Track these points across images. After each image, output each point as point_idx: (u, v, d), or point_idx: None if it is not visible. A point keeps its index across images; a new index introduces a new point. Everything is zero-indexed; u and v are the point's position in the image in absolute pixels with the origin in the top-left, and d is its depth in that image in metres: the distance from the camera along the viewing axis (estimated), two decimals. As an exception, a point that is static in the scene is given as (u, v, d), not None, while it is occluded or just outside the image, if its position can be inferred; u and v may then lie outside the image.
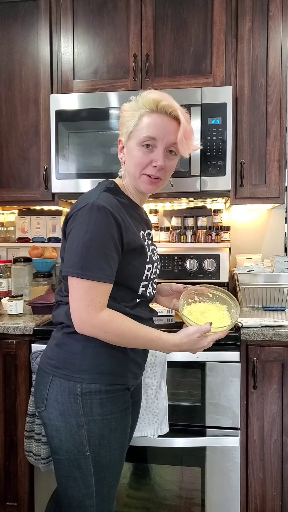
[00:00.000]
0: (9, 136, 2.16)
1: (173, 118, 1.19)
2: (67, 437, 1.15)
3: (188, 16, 1.97)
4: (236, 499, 1.64)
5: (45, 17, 2.08)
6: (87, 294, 1.09)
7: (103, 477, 1.19)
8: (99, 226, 1.09)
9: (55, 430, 1.17)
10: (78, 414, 1.14)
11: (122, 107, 1.24)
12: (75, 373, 1.15)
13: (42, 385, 1.20)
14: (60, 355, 1.18)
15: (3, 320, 1.83)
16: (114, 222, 1.11)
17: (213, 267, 2.19)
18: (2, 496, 1.82)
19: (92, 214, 1.09)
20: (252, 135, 1.98)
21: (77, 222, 1.11)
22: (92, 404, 1.15)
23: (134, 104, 1.20)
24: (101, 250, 1.09)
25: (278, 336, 1.63)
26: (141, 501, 1.71)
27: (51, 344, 1.22)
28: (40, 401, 1.20)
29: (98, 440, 1.16)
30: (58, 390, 1.16)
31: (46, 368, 1.20)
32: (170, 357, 1.61)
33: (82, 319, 1.10)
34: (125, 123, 1.21)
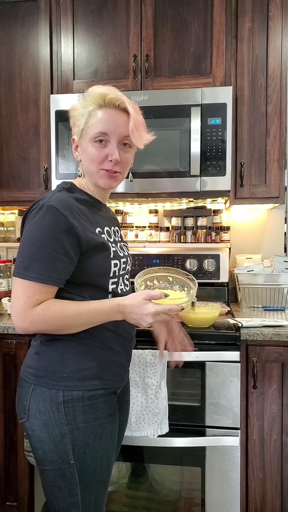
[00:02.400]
0: (9, 136, 2.16)
1: (122, 111, 1.19)
2: (51, 447, 1.12)
3: (188, 16, 1.98)
4: (236, 499, 1.64)
5: (45, 17, 2.08)
6: (25, 292, 1.06)
7: (89, 485, 1.15)
8: (45, 227, 1.07)
9: (38, 441, 1.13)
10: (61, 423, 1.11)
11: (71, 107, 1.23)
12: (56, 381, 1.12)
13: (24, 395, 1.16)
14: (40, 363, 1.15)
15: (3, 320, 1.83)
16: (65, 222, 1.08)
17: (213, 267, 2.19)
18: (2, 496, 1.82)
19: (40, 215, 1.08)
20: (252, 135, 1.99)
21: (27, 223, 1.11)
22: (75, 411, 1.12)
23: (82, 102, 1.20)
24: (46, 250, 1.06)
25: (278, 336, 1.63)
26: (141, 501, 1.71)
27: (31, 353, 1.19)
28: (22, 412, 1.16)
29: (82, 448, 1.13)
30: (40, 400, 1.12)
31: (26, 378, 1.16)
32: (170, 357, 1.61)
33: (20, 318, 1.07)
34: (75, 122, 1.21)
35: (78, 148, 1.23)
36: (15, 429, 1.79)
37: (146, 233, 2.32)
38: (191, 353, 1.62)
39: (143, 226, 2.33)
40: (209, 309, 1.75)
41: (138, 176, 1.93)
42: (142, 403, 1.59)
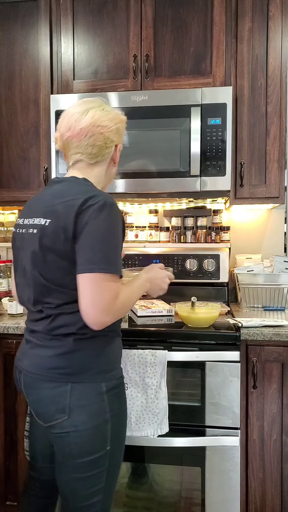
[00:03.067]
0: (9, 136, 2.16)
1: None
2: (93, 438, 1.19)
3: (188, 16, 1.98)
4: (236, 499, 1.64)
5: (45, 17, 2.08)
6: (109, 286, 1.13)
7: (113, 471, 1.25)
8: (116, 223, 1.16)
9: (79, 436, 1.17)
10: (105, 411, 1.20)
11: (120, 116, 1.35)
12: (96, 375, 1.20)
13: (61, 396, 1.17)
14: (74, 361, 1.18)
15: (3, 320, 1.83)
16: (122, 219, 1.21)
17: (213, 267, 2.20)
18: (2, 495, 1.82)
19: (107, 212, 1.14)
20: (252, 135, 1.99)
21: (95, 219, 1.12)
22: (113, 399, 1.23)
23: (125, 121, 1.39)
24: (119, 245, 1.18)
25: (278, 336, 1.63)
26: (141, 501, 1.71)
27: (58, 353, 1.19)
28: (60, 412, 1.17)
29: (116, 433, 1.24)
30: (82, 395, 1.17)
31: (60, 378, 1.18)
32: (170, 357, 1.61)
33: (105, 312, 1.13)
34: (123, 134, 1.38)
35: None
36: (15, 428, 1.80)
37: (146, 233, 2.32)
38: (191, 353, 1.63)
39: (143, 226, 2.33)
40: (209, 309, 1.76)
41: (138, 176, 1.93)
42: (142, 403, 1.59)
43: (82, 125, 1.25)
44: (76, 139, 1.26)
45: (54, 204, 1.19)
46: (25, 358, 1.27)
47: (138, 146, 1.92)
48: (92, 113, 1.27)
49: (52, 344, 1.21)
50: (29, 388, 1.25)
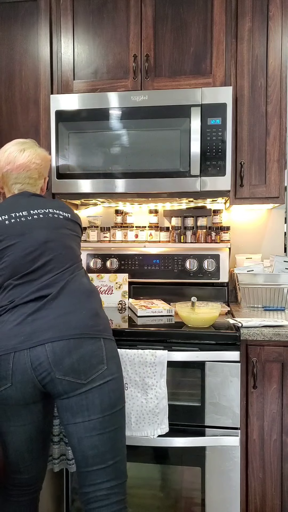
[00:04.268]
0: (9, 136, 2.16)
1: None
2: (122, 384, 1.41)
3: (188, 16, 1.98)
4: (236, 499, 1.64)
5: (45, 17, 2.08)
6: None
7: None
8: None
9: (117, 382, 1.38)
10: (119, 361, 1.44)
11: (48, 155, 1.66)
12: (111, 333, 1.44)
13: (97, 349, 1.35)
14: (102, 321, 1.41)
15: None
16: None
17: (213, 267, 2.20)
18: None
19: None
20: (252, 135, 1.99)
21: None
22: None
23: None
24: None
25: (278, 336, 1.63)
26: (141, 501, 1.71)
27: (89, 315, 1.38)
28: (99, 363, 1.34)
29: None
30: (111, 348, 1.40)
31: (94, 334, 1.36)
32: (170, 357, 1.61)
33: None
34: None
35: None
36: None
37: (146, 233, 2.32)
38: (191, 353, 1.63)
39: (143, 226, 2.33)
40: (209, 309, 1.76)
41: (138, 176, 1.93)
42: (142, 403, 1.59)
43: (20, 161, 1.55)
44: (15, 172, 1.56)
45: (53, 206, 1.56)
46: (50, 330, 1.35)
47: (138, 146, 1.92)
48: (28, 153, 1.56)
49: (83, 305, 1.41)
50: (64, 354, 1.32)
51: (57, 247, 1.46)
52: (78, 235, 1.60)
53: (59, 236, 1.49)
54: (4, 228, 1.44)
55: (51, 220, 1.50)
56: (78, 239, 1.59)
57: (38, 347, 1.30)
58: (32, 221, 1.47)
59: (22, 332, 1.32)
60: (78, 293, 1.42)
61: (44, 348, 1.30)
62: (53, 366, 1.30)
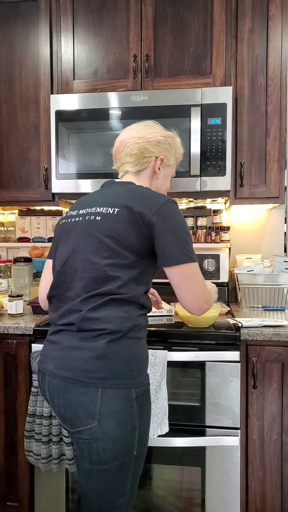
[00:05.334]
0: (9, 136, 2.16)
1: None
2: (123, 444, 1.16)
3: (188, 16, 1.98)
4: (236, 499, 1.64)
5: (45, 17, 2.08)
6: (199, 274, 1.25)
7: (137, 471, 1.24)
8: (183, 217, 1.27)
9: (112, 441, 1.15)
10: (134, 417, 1.17)
11: (169, 134, 1.42)
12: (128, 380, 1.17)
13: (90, 401, 1.14)
14: (107, 365, 1.15)
15: (3, 320, 1.83)
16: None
17: (213, 267, 2.20)
18: (2, 496, 1.82)
19: (177, 208, 1.25)
20: (252, 135, 1.99)
21: (169, 216, 1.21)
22: (142, 404, 1.20)
23: (173, 139, 1.44)
24: (190, 236, 1.27)
25: (278, 336, 1.63)
26: (141, 501, 1.72)
27: (89, 356, 1.16)
28: (90, 418, 1.14)
29: (143, 438, 1.22)
30: (113, 401, 1.14)
31: (91, 383, 1.14)
32: (170, 357, 1.61)
33: (207, 300, 1.27)
34: (169, 151, 1.41)
35: (161, 168, 1.41)
36: (15, 429, 1.79)
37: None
38: (191, 353, 1.63)
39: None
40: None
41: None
42: (142, 403, 1.59)
43: (120, 138, 1.41)
44: (117, 152, 1.41)
45: (123, 198, 1.25)
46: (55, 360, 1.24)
47: (138, 146, 1.92)
48: (130, 128, 1.42)
49: (84, 345, 1.18)
50: (58, 392, 1.20)
51: (89, 266, 1.20)
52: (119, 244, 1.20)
53: (92, 250, 1.21)
54: (56, 229, 1.35)
55: (88, 224, 1.24)
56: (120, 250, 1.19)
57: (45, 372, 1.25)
58: (71, 224, 1.28)
59: (43, 351, 1.29)
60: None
61: (45, 377, 1.24)
62: (49, 399, 1.25)
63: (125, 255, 1.19)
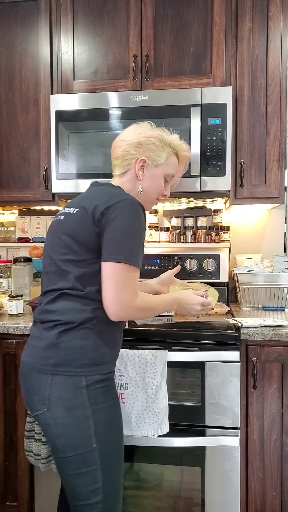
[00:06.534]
0: (9, 136, 2.16)
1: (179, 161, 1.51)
2: (75, 431, 1.19)
3: (188, 16, 1.98)
4: (236, 499, 1.64)
5: (45, 17, 2.08)
6: (133, 281, 1.22)
7: (110, 468, 1.23)
8: (140, 219, 1.24)
9: (61, 427, 1.19)
10: (85, 405, 1.20)
11: (151, 133, 1.40)
12: (78, 368, 1.20)
13: (41, 387, 1.21)
14: (58, 353, 1.21)
15: (3, 320, 1.83)
16: (145, 219, 1.28)
17: (213, 267, 2.20)
18: (2, 496, 1.82)
19: (134, 209, 1.23)
20: (252, 135, 1.99)
21: (119, 213, 1.21)
22: (96, 394, 1.22)
23: (161, 137, 1.41)
24: (141, 241, 1.25)
25: (278, 336, 1.63)
26: (141, 501, 1.71)
27: (44, 344, 1.23)
28: (41, 403, 1.21)
29: (103, 429, 1.22)
30: (61, 387, 1.19)
31: (44, 370, 1.21)
32: (170, 357, 1.61)
33: (126, 305, 1.21)
34: (154, 150, 1.39)
35: (144, 170, 1.40)
36: (15, 429, 1.79)
37: (146, 233, 2.32)
38: (191, 353, 1.63)
39: (143, 226, 2.33)
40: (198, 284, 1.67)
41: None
42: (143, 403, 1.59)
43: (114, 141, 1.45)
44: (112, 155, 1.46)
45: (88, 198, 1.30)
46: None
47: (138, 146, 1.92)
48: (124, 131, 1.46)
49: (39, 334, 1.27)
50: (23, 378, 1.29)
51: (50, 262, 1.30)
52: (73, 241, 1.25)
53: (53, 247, 1.30)
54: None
55: (56, 223, 1.34)
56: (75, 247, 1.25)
57: None
58: (52, 224, 1.36)
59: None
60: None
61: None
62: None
63: (79, 252, 1.24)
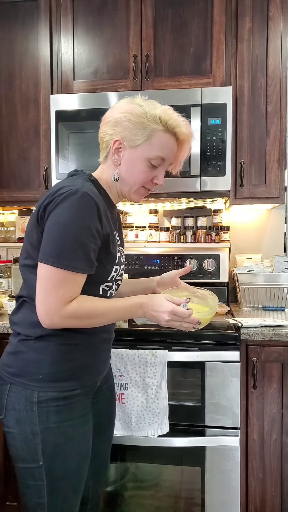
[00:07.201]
0: (9, 136, 2.16)
1: (176, 139, 1.20)
2: (22, 445, 1.12)
3: (188, 16, 1.98)
4: (236, 499, 1.64)
5: (45, 18, 2.08)
6: (59, 287, 1.04)
7: (57, 488, 1.14)
8: (79, 213, 1.04)
9: (12, 438, 1.14)
10: (34, 422, 1.11)
11: (126, 105, 1.17)
12: (31, 381, 1.12)
13: (1, 393, 1.16)
14: (16, 362, 1.15)
15: (3, 320, 1.83)
16: (96, 212, 1.06)
17: (213, 267, 2.20)
18: (2, 496, 1.82)
19: (74, 201, 1.03)
20: (252, 135, 1.99)
21: (57, 207, 1.04)
22: (49, 412, 1.11)
23: (139, 112, 1.15)
24: (79, 238, 1.04)
25: (277, 336, 1.63)
26: (140, 501, 1.71)
27: (8, 351, 1.19)
28: (0, 409, 1.16)
29: (52, 449, 1.12)
30: (15, 398, 1.13)
31: (4, 376, 1.16)
32: (171, 357, 1.61)
33: (52, 312, 1.05)
34: (131, 127, 1.15)
35: (121, 153, 1.17)
36: (15, 429, 1.79)
37: (146, 233, 2.32)
38: (191, 353, 1.63)
39: (143, 226, 2.33)
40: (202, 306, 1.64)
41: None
42: (143, 403, 1.59)
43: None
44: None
45: (43, 195, 1.14)
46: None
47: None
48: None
49: (11, 339, 1.20)
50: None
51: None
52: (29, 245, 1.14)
53: (21, 252, 1.20)
54: None
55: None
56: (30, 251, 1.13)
57: None
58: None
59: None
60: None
61: None
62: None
63: (34, 257, 1.11)
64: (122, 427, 1.60)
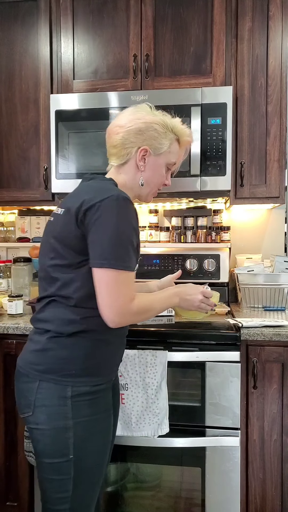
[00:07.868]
0: (9, 136, 2.16)
1: (179, 144, 1.37)
2: (53, 441, 1.16)
3: (188, 16, 1.97)
4: (236, 499, 1.64)
5: (45, 17, 2.08)
6: (124, 287, 1.13)
7: (82, 482, 1.18)
8: (127, 217, 1.13)
9: (41, 434, 1.17)
10: (67, 417, 1.15)
11: (149, 116, 1.28)
12: (64, 377, 1.16)
13: (28, 391, 1.19)
14: (46, 360, 1.18)
15: (3, 320, 1.83)
16: (135, 214, 1.18)
17: (213, 267, 2.19)
18: (2, 496, 1.82)
19: (120, 206, 1.12)
20: (252, 135, 1.98)
21: (104, 214, 1.11)
22: (81, 406, 1.17)
23: (163, 123, 1.28)
24: (130, 239, 1.14)
25: (278, 336, 1.63)
26: (140, 501, 1.71)
27: (33, 349, 1.21)
28: (26, 407, 1.19)
29: (83, 442, 1.17)
30: (46, 394, 1.16)
31: (30, 374, 1.19)
32: (171, 357, 1.61)
33: (122, 311, 1.13)
34: (156, 137, 1.27)
35: (145, 159, 1.28)
36: (15, 429, 1.79)
37: (146, 233, 2.32)
38: (191, 353, 1.62)
39: (143, 226, 2.33)
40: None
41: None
42: (143, 403, 1.59)
43: (109, 127, 1.31)
44: (106, 143, 1.33)
45: (74, 197, 1.19)
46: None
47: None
48: (119, 114, 1.32)
49: (34, 337, 1.24)
50: (15, 379, 1.28)
51: (41, 267, 1.25)
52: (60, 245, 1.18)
53: (43, 252, 1.25)
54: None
55: (47, 225, 1.28)
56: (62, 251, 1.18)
57: None
58: (46, 224, 1.29)
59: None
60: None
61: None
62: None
63: (66, 256, 1.16)
64: (122, 427, 1.60)
